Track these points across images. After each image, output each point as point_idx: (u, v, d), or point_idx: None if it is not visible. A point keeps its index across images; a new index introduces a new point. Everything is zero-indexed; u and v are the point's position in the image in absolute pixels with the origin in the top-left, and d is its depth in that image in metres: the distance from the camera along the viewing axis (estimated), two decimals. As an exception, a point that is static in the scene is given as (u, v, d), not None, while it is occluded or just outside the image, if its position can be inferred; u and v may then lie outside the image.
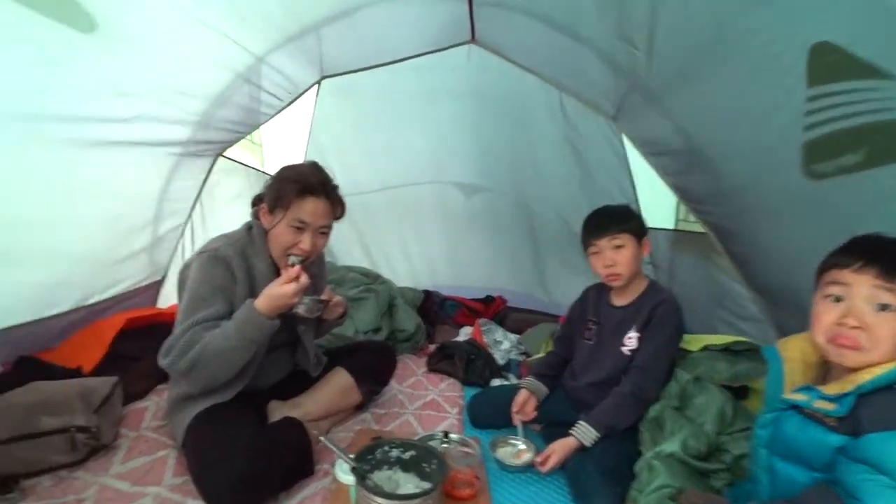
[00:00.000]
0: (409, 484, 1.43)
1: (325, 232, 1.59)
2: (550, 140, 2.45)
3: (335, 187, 1.62)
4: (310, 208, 1.52)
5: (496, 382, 2.30)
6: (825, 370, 1.15)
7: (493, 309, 3.06)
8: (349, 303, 2.46)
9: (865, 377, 0.98)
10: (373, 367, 1.97)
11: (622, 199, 2.32)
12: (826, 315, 1.06)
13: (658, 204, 2.29)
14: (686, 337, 2.01)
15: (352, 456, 1.39)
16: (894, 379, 0.97)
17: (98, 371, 1.83)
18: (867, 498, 0.91)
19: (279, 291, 1.41)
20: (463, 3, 1.87)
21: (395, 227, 3.28)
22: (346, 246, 3.33)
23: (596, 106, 2.02)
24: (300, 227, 1.52)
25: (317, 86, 2.40)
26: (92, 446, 1.49)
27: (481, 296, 3.25)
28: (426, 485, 1.38)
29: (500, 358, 2.44)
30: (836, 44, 1.07)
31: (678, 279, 2.38)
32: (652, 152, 1.94)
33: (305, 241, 1.52)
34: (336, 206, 1.61)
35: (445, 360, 2.39)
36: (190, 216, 2.33)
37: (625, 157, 2.30)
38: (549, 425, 1.89)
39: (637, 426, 1.72)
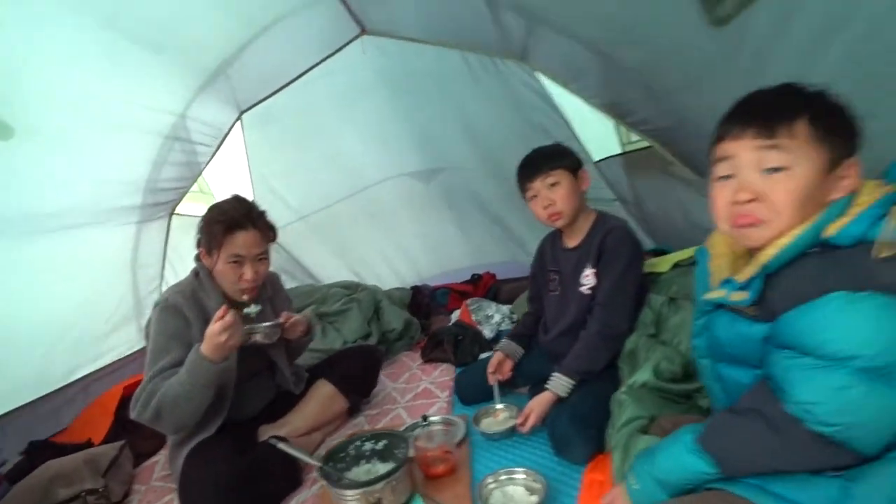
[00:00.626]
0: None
1: (263, 258, 1.66)
2: (474, 102, 2.42)
3: (261, 214, 1.68)
4: (241, 241, 1.58)
5: (484, 356, 2.28)
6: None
7: (482, 287, 3.05)
8: (335, 317, 2.54)
9: (770, 253, 0.87)
10: (355, 371, 2.01)
11: (560, 138, 2.25)
12: (720, 197, 0.95)
13: (599, 134, 2.21)
14: (654, 260, 1.94)
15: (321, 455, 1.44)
16: (799, 249, 0.85)
17: (108, 440, 1.96)
18: (791, 387, 0.82)
19: (211, 336, 1.45)
20: (337, 3, 1.89)
21: (366, 232, 3.31)
22: (323, 264, 3.38)
23: (501, 52, 1.99)
24: (237, 261, 1.59)
25: (239, 122, 2.48)
26: (104, 505, 1.60)
27: (469, 277, 3.24)
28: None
29: (489, 332, 2.43)
30: None
31: (645, 204, 2.29)
32: (568, 79, 1.89)
33: (247, 272, 1.60)
34: (266, 231, 1.67)
35: (437, 348, 2.40)
36: (163, 277, 2.47)
37: (548, 95, 2.24)
38: (535, 385, 1.85)
39: (616, 364, 1.67)
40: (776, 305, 0.87)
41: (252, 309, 1.65)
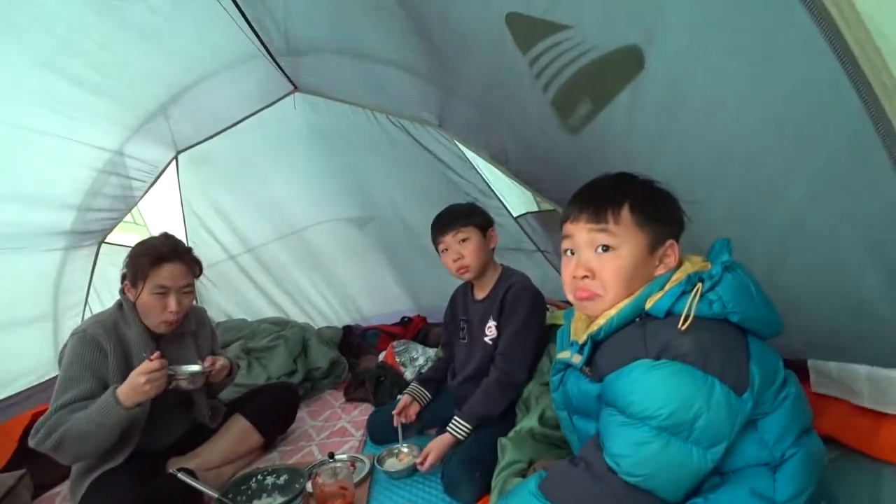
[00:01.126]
0: (274, 507, 1.51)
1: (188, 291, 1.72)
2: (401, 159, 2.56)
3: (188, 250, 1.76)
4: (166, 273, 1.64)
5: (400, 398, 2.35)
6: None
7: (412, 329, 3.14)
8: (262, 353, 2.57)
9: (599, 323, 1.01)
10: (272, 407, 2.05)
11: (482, 196, 2.42)
12: (566, 272, 1.08)
13: (519, 193, 2.39)
14: (556, 313, 2.07)
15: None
16: (627, 317, 0.98)
17: (9, 468, 1.91)
18: (607, 440, 0.93)
19: (133, 381, 1.48)
20: (268, 62, 2.03)
21: (299, 272, 3.36)
22: (253, 304, 3.42)
23: (421, 119, 2.15)
24: (162, 293, 1.64)
25: (175, 160, 2.56)
26: (-6, 539, 1.57)
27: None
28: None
29: (411, 374, 2.51)
30: (517, 11, 1.16)
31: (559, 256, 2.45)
32: (479, 145, 2.05)
33: (171, 303, 1.65)
34: (192, 265, 1.74)
35: (360, 388, 2.46)
36: (87, 304, 2.46)
37: (466, 158, 2.42)
38: (441, 426, 1.94)
39: (514, 410, 1.79)
40: (602, 368, 1.00)
41: (195, 368, 1.68)
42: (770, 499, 0.89)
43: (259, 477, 1.59)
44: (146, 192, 2.45)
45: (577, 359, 1.07)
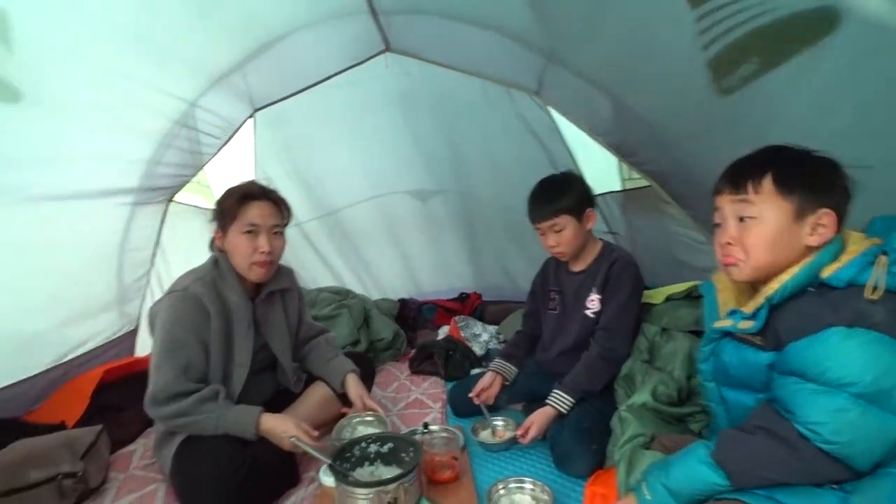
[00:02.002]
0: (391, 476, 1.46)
1: (278, 232, 1.64)
2: (484, 129, 2.52)
3: (275, 191, 1.69)
4: (256, 211, 1.58)
5: (476, 372, 2.33)
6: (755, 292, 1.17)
7: (469, 305, 3.12)
8: (324, 321, 2.52)
9: (774, 287, 1.01)
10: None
11: (565, 168, 2.37)
12: (716, 241, 1.11)
13: (602, 169, 2.35)
14: (649, 292, 2.05)
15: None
16: (801, 283, 0.99)
17: (81, 424, 1.84)
18: (799, 409, 0.93)
19: (281, 432, 1.49)
20: (369, 18, 1.95)
21: (359, 243, 3.32)
22: (312, 270, 3.37)
23: (518, 85, 2.09)
24: (252, 231, 1.57)
25: (252, 119, 2.47)
26: (80, 491, 1.52)
27: (457, 295, 3.31)
28: (405, 472, 1.40)
29: (479, 349, 2.48)
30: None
31: (638, 239, 2.43)
32: (579, 116, 2.01)
33: (262, 243, 1.57)
34: (281, 206, 1.67)
35: (426, 361, 2.43)
36: (153, 263, 2.38)
37: (556, 129, 2.36)
38: (530, 402, 1.91)
39: (612, 386, 1.76)
40: (781, 336, 1.00)
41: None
42: None
43: (363, 444, 1.53)
44: (219, 150, 2.35)
45: (747, 325, 1.06)
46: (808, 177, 1.00)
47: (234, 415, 1.50)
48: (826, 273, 0.96)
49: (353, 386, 1.81)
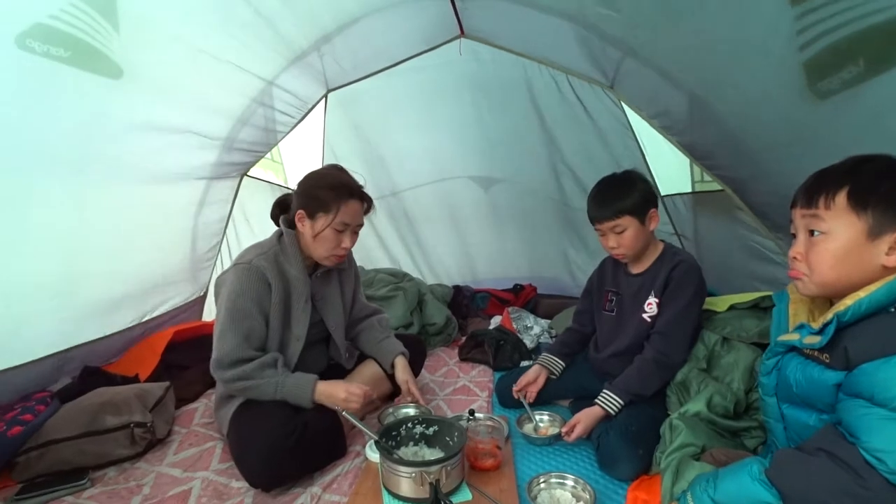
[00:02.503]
0: (434, 458, 1.49)
1: (358, 230, 1.71)
2: (553, 120, 2.48)
3: (364, 190, 1.73)
4: (351, 211, 1.62)
5: (525, 365, 2.31)
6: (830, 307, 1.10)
7: (523, 297, 3.09)
8: (380, 302, 2.59)
9: (847, 303, 0.95)
10: (403, 356, 2.05)
11: (633, 167, 2.30)
12: (789, 252, 1.08)
13: (672, 169, 2.25)
14: (712, 299, 1.96)
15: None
16: (879, 303, 0.92)
17: (152, 378, 2.02)
18: (865, 434, 0.87)
19: (335, 400, 1.59)
20: (446, 2, 1.95)
21: (418, 227, 3.37)
22: (371, 250, 3.46)
23: (591, 78, 2.04)
24: (343, 229, 1.63)
25: (324, 99, 2.54)
26: (148, 440, 1.65)
27: (511, 286, 3.29)
28: (449, 456, 1.43)
29: (529, 342, 2.46)
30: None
31: (705, 243, 2.32)
32: (653, 113, 1.94)
33: (346, 240, 1.64)
34: (369, 204, 1.72)
35: (476, 349, 2.44)
36: (224, 234, 2.53)
37: (628, 124, 2.29)
38: (578, 399, 1.89)
39: (665, 391, 1.71)
40: (853, 356, 0.93)
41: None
42: None
43: (409, 425, 1.57)
44: (292, 128, 2.45)
45: (814, 340, 1.00)
46: (888, 192, 0.93)
47: (292, 381, 1.57)
48: None
49: (401, 369, 1.85)
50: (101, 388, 1.76)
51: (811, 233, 1.00)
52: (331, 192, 1.60)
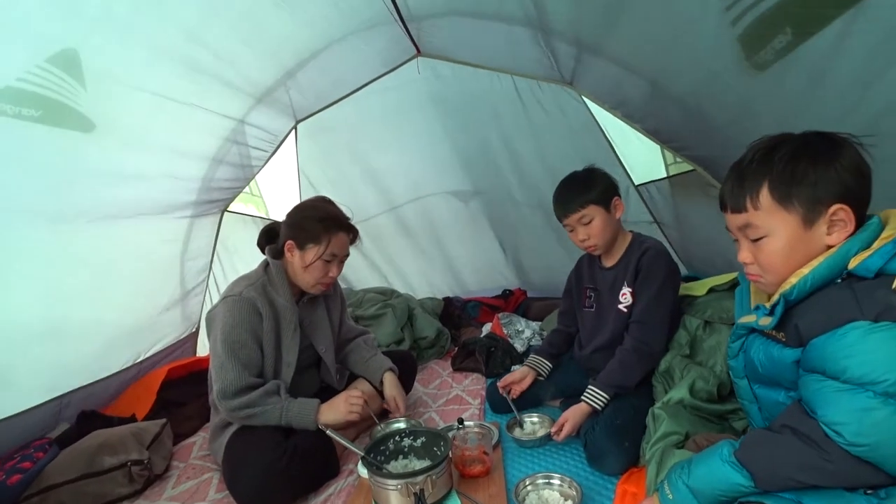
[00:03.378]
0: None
1: (344, 260, 1.77)
2: (519, 126, 2.51)
3: (350, 219, 1.80)
4: (339, 242, 1.69)
5: (516, 368, 2.32)
6: None
7: (513, 302, 3.12)
8: (369, 321, 2.61)
9: (792, 281, 0.96)
10: (395, 373, 2.07)
11: (603, 161, 2.32)
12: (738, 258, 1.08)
13: (644, 158, 2.28)
14: (691, 284, 1.98)
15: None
16: (823, 276, 0.93)
17: (150, 417, 2.05)
18: (821, 408, 0.88)
19: (337, 405, 1.67)
20: (397, 25, 2.01)
21: (404, 243, 3.40)
22: (358, 273, 3.50)
23: (551, 78, 2.08)
24: (330, 260, 1.69)
25: (294, 130, 2.61)
26: (146, 477, 1.68)
27: (500, 292, 3.32)
28: (436, 465, 1.44)
29: (521, 346, 2.48)
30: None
31: (687, 228, 2.33)
32: (615, 103, 1.98)
33: (334, 270, 1.71)
34: (353, 234, 1.78)
35: (468, 358, 2.46)
36: (210, 269, 2.58)
37: (594, 119, 2.33)
38: (567, 398, 1.90)
39: (650, 381, 1.72)
40: (804, 332, 0.95)
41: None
42: None
43: (397, 438, 1.59)
44: (266, 162, 2.52)
45: (767, 321, 1.01)
46: (804, 179, 0.93)
47: (296, 406, 1.63)
48: (854, 263, 0.90)
49: (389, 385, 1.89)
50: (99, 430, 1.80)
51: (752, 239, 1.01)
52: (320, 224, 1.66)
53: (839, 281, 0.93)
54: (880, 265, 0.87)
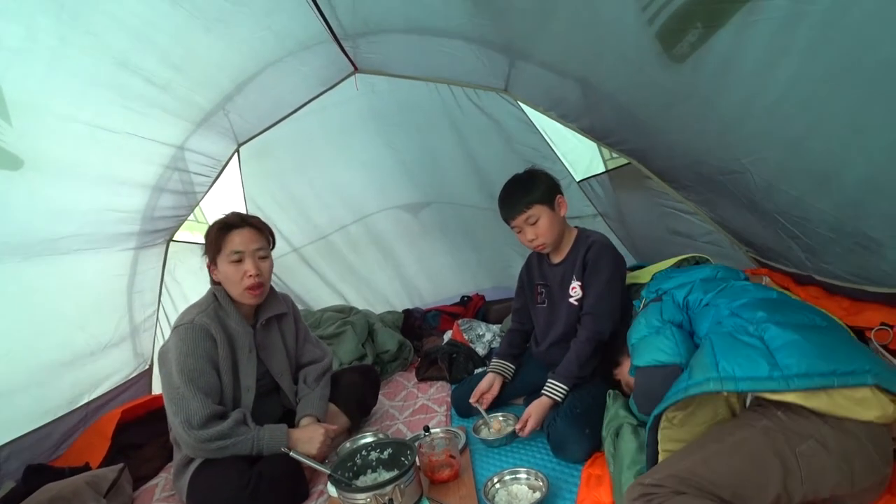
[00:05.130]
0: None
1: (263, 256, 1.73)
2: (460, 134, 2.57)
3: (256, 217, 1.77)
4: (237, 239, 1.66)
5: (479, 371, 2.35)
6: None
7: (472, 308, 3.16)
8: (330, 340, 2.59)
9: None
10: (356, 389, 2.05)
11: (545, 162, 2.40)
12: None
13: (583, 155, 2.37)
14: (636, 272, 2.06)
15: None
16: None
17: (106, 464, 1.93)
18: None
19: (315, 435, 1.67)
20: (333, 45, 2.04)
21: (358, 261, 3.40)
22: (314, 293, 3.45)
23: (486, 85, 2.15)
24: (238, 259, 1.66)
25: (236, 154, 2.58)
26: (105, 527, 1.60)
27: (459, 300, 3.36)
28: (404, 475, 1.44)
29: (482, 349, 2.51)
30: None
31: (629, 219, 2.43)
32: (549, 106, 2.05)
33: (249, 266, 1.66)
34: (262, 230, 1.75)
35: (432, 367, 2.47)
36: (159, 302, 2.50)
37: (530, 122, 2.40)
38: (530, 395, 1.92)
39: (608, 368, 1.77)
40: None
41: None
42: None
43: (363, 453, 1.58)
44: (210, 187, 2.48)
45: None
46: None
47: (268, 434, 1.60)
48: None
49: (300, 429, 1.74)
50: (49, 484, 1.68)
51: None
52: (213, 232, 1.67)
53: None
54: None
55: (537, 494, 1.37)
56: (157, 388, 2.47)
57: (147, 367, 2.48)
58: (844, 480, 0.92)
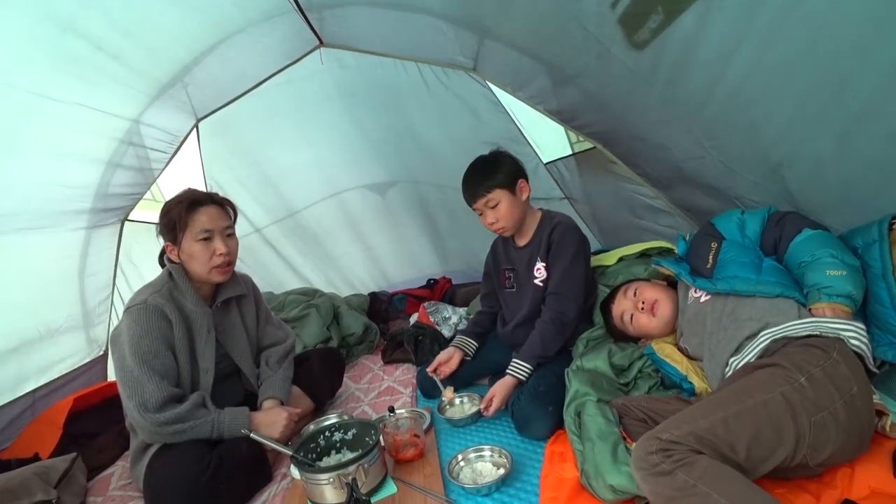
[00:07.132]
0: (349, 459, 1.49)
1: (230, 234, 1.68)
2: (428, 113, 2.53)
3: (217, 193, 1.72)
4: (205, 217, 1.60)
5: (444, 353, 2.36)
6: None
7: (438, 291, 3.16)
8: (294, 323, 2.54)
9: None
10: (320, 371, 2.03)
11: (513, 144, 2.39)
12: None
13: (550, 137, 2.37)
14: (602, 255, 2.10)
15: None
16: None
17: (57, 454, 1.85)
18: None
19: (276, 419, 1.64)
20: (297, 15, 1.97)
21: (322, 243, 3.34)
22: (277, 276, 3.38)
23: (455, 64, 2.12)
24: (207, 238, 1.60)
25: (195, 130, 2.48)
26: (57, 518, 1.52)
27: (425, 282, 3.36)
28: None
29: (448, 332, 2.52)
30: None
31: (594, 202, 2.46)
32: (517, 87, 2.04)
33: (219, 246, 1.61)
34: (227, 207, 1.70)
35: (398, 349, 2.46)
36: (114, 285, 2.40)
37: (498, 102, 2.39)
38: (494, 375, 1.94)
39: (569, 349, 1.81)
40: None
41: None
42: None
43: (327, 434, 1.57)
44: (167, 164, 2.37)
45: None
46: None
47: (229, 417, 1.57)
48: None
49: (263, 412, 1.72)
50: (-6, 477, 1.62)
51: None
52: (177, 209, 1.59)
53: None
54: None
55: (501, 471, 1.39)
56: (112, 375, 2.38)
57: (101, 353, 2.39)
58: (838, 451, 0.99)
